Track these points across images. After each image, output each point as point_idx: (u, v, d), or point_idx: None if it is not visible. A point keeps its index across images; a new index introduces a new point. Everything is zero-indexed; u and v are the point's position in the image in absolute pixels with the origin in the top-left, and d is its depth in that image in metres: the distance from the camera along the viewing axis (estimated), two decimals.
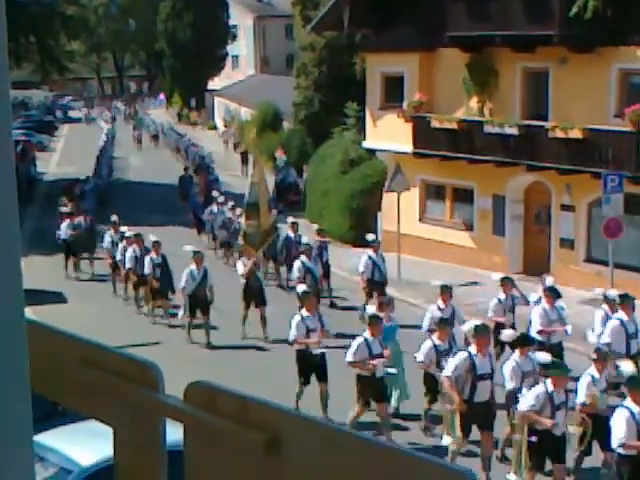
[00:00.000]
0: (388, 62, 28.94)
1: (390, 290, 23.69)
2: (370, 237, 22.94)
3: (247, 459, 1.35)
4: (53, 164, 54.78)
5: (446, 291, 16.90)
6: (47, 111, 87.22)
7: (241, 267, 20.80)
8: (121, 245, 23.66)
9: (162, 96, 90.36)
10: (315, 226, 25.60)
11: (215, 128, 68.89)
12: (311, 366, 15.57)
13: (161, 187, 42.01)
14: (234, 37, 75.12)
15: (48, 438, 9.48)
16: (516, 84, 26.10)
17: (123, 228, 24.38)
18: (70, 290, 24.99)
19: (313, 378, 15.68)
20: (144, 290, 22.46)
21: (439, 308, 16.68)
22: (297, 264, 21.43)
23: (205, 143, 54.08)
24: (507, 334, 14.53)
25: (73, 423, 10.04)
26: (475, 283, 25.06)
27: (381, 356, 14.44)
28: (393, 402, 15.60)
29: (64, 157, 57.43)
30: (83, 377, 1.54)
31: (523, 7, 24.59)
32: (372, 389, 14.38)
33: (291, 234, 24.66)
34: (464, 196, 28.02)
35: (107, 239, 25.00)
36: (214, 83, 73.28)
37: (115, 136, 59.54)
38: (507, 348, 15.34)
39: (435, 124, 27.18)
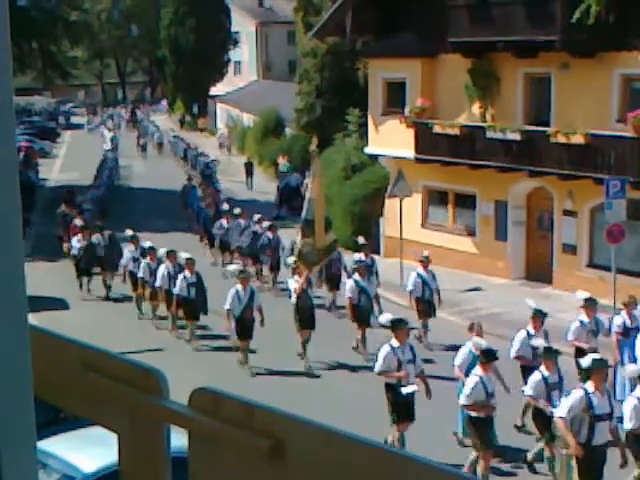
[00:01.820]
0: (390, 68, 28.96)
1: (392, 296, 23.74)
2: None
3: (252, 465, 1.35)
4: (55, 170, 54.78)
5: (539, 317, 15.73)
6: (50, 117, 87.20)
7: (293, 285, 19.63)
8: (144, 261, 22.38)
9: (164, 102, 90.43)
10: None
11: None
12: (404, 402, 14.08)
13: (164, 194, 41.95)
14: (236, 43, 75.23)
15: (51, 445, 9.48)
16: (518, 89, 26.11)
17: (146, 243, 23.13)
18: (72, 296, 24.97)
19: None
20: (173, 310, 21.05)
21: (529, 334, 15.47)
22: (350, 283, 20.14)
23: (208, 149, 54.00)
24: (631, 370, 13.55)
25: (76, 430, 10.04)
26: (477, 289, 25.06)
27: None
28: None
29: (66, 163, 57.43)
30: (87, 383, 1.54)
31: (525, 13, 24.61)
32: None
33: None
34: (466, 202, 28.02)
35: (126, 255, 23.62)
36: (216, 89, 73.33)
37: (118, 144, 59.17)
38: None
39: (437, 130, 27.19)
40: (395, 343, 14.02)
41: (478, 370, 13.09)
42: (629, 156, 22.58)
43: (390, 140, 28.87)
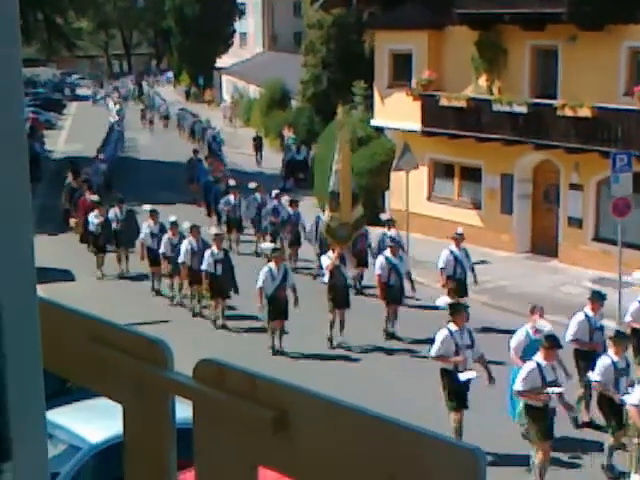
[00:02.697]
0: (396, 40, 28.81)
1: None
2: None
3: (256, 436, 1.36)
4: (61, 142, 54.72)
5: (597, 299, 14.91)
6: (55, 89, 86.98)
7: (326, 262, 18.85)
8: (166, 236, 21.59)
9: (170, 74, 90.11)
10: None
11: None
12: (461, 389, 13.47)
13: (170, 166, 41.82)
14: (242, 14, 74.83)
15: (57, 415, 9.52)
16: (525, 62, 25.98)
17: (170, 218, 22.07)
18: (78, 268, 24.99)
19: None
20: (199, 289, 20.34)
21: (587, 317, 14.70)
22: (380, 260, 19.16)
23: (213, 121, 53.80)
24: None
25: (82, 400, 10.09)
26: (483, 262, 25.03)
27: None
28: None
29: (72, 135, 57.33)
30: (92, 354, 1.55)
31: None
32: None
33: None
34: (472, 175, 27.96)
35: (145, 230, 22.70)
36: (222, 61, 73.04)
37: (124, 116, 58.84)
38: None
39: (444, 102, 27.09)
40: (453, 327, 13.49)
41: (538, 356, 12.41)
42: (636, 129, 22.49)
43: (396, 113, 28.77)
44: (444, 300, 14.56)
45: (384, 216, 22.27)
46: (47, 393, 1.38)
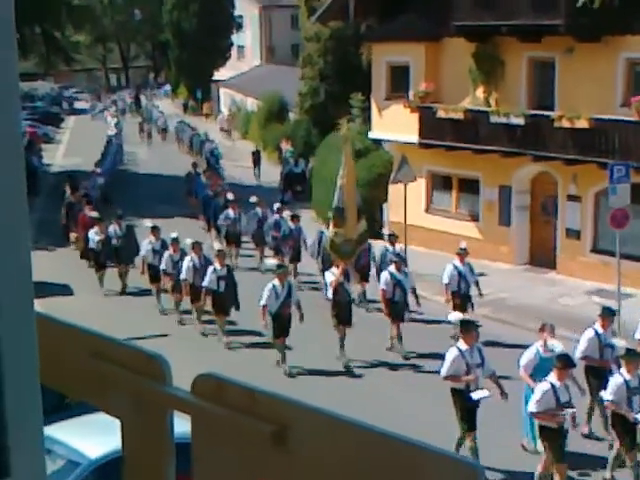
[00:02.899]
0: (394, 52, 28.88)
1: None
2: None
3: (255, 451, 1.35)
4: (59, 156, 54.75)
5: (608, 315, 14.68)
6: (53, 102, 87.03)
7: (330, 278, 18.65)
8: (167, 253, 21.47)
9: (167, 87, 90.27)
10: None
11: None
12: (473, 409, 13.34)
13: (168, 179, 41.82)
14: (240, 27, 75.01)
15: (56, 431, 9.50)
16: (522, 74, 26.04)
17: (172, 234, 21.85)
18: (76, 282, 24.97)
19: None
20: (200, 305, 20.19)
21: (597, 334, 14.50)
22: (385, 275, 19.06)
23: (211, 134, 53.84)
24: None
25: (81, 416, 10.07)
26: (481, 274, 25.03)
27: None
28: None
29: (70, 149, 57.36)
30: (91, 369, 1.54)
31: None
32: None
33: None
34: (470, 187, 27.99)
35: (146, 246, 22.58)
36: (220, 74, 73.18)
37: (122, 129, 58.85)
38: None
39: (441, 114, 27.13)
40: (463, 346, 13.26)
41: (552, 376, 12.26)
42: (633, 140, 22.54)
43: (394, 125, 28.80)
44: (457, 316, 14.28)
45: (386, 231, 22.12)
46: (45, 408, 1.37)
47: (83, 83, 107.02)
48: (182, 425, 1.52)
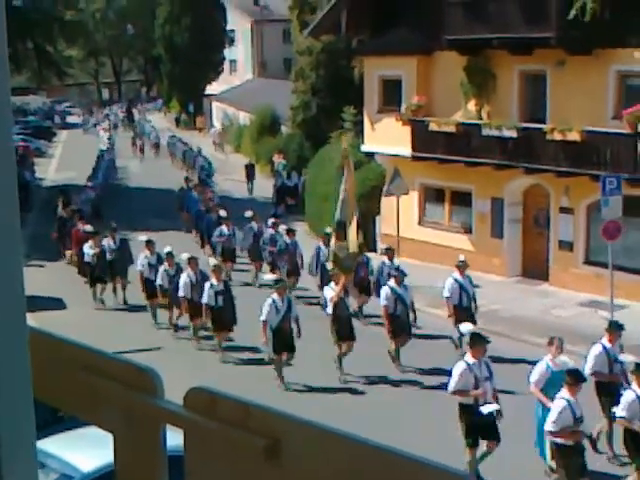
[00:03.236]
0: (386, 66, 28.95)
1: None
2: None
3: (248, 465, 1.34)
4: (52, 170, 54.72)
5: (615, 330, 14.46)
6: (45, 117, 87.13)
7: (329, 293, 18.36)
8: (162, 267, 21.34)
9: (160, 101, 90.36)
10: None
11: None
12: (480, 424, 13.13)
13: (160, 193, 41.78)
14: (232, 41, 75.19)
15: (49, 444, 9.47)
16: (514, 87, 26.12)
17: (165, 248, 21.62)
18: (69, 296, 24.93)
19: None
20: (201, 321, 19.93)
21: (605, 348, 14.27)
22: (385, 290, 18.74)
23: (204, 148, 53.85)
24: None
25: (73, 429, 10.04)
26: (475, 286, 25.03)
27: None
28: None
29: (63, 163, 57.32)
30: (82, 383, 1.53)
31: (520, 10, 24.61)
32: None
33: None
34: (463, 199, 28.02)
35: (141, 261, 22.46)
36: (212, 88, 73.29)
37: (115, 144, 58.80)
38: None
39: (433, 127, 27.19)
40: (470, 359, 13.09)
41: (565, 393, 12.07)
42: (625, 153, 22.59)
43: (386, 138, 28.86)
44: (468, 328, 14.08)
45: (383, 245, 21.99)
46: (38, 422, 1.37)
47: (75, 97, 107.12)
48: (175, 438, 1.52)
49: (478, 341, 13.34)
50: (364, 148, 31.06)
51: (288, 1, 50.48)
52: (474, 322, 18.82)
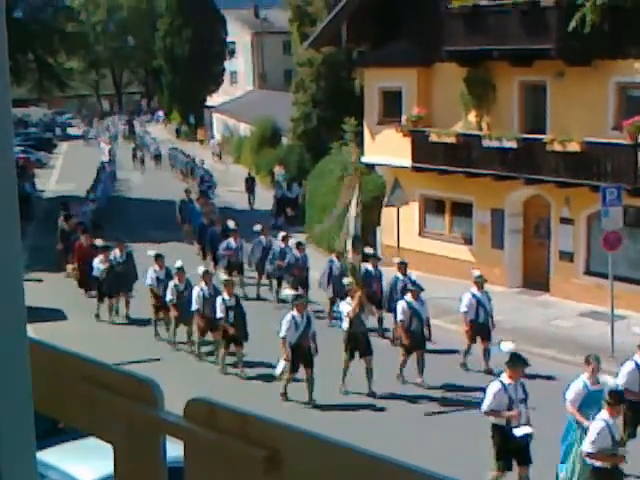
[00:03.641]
0: (386, 77, 29.00)
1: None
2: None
3: (248, 476, 1.34)
4: (52, 181, 54.73)
5: None
6: (46, 128, 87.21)
7: (346, 308, 17.98)
8: (172, 283, 20.85)
9: (161, 112, 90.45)
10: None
11: None
12: (512, 448, 12.82)
13: (161, 205, 41.73)
14: (232, 53, 75.33)
15: (48, 455, 9.45)
16: (514, 98, 26.14)
17: (177, 263, 21.17)
18: (70, 307, 24.90)
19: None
20: (213, 336, 19.77)
21: (637, 365, 14.06)
22: (402, 305, 18.43)
23: (205, 160, 53.84)
24: None
25: (73, 440, 10.02)
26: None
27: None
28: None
29: (63, 174, 57.35)
30: (82, 394, 1.53)
31: (520, 21, 24.64)
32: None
33: (371, 268, 21.70)
34: (463, 210, 28.03)
35: (150, 275, 21.91)
36: (212, 99, 73.41)
37: (116, 155, 58.80)
38: None
39: (433, 138, 27.21)
40: (506, 380, 12.79)
41: (604, 414, 11.68)
42: (625, 163, 22.60)
43: (386, 149, 28.88)
44: (509, 346, 13.81)
45: (395, 259, 21.78)
46: (38, 433, 1.37)
47: (76, 109, 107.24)
48: (175, 449, 1.52)
49: (517, 362, 12.96)
50: (364, 159, 31.00)
51: (288, 13, 50.59)
52: (489, 339, 18.57)
